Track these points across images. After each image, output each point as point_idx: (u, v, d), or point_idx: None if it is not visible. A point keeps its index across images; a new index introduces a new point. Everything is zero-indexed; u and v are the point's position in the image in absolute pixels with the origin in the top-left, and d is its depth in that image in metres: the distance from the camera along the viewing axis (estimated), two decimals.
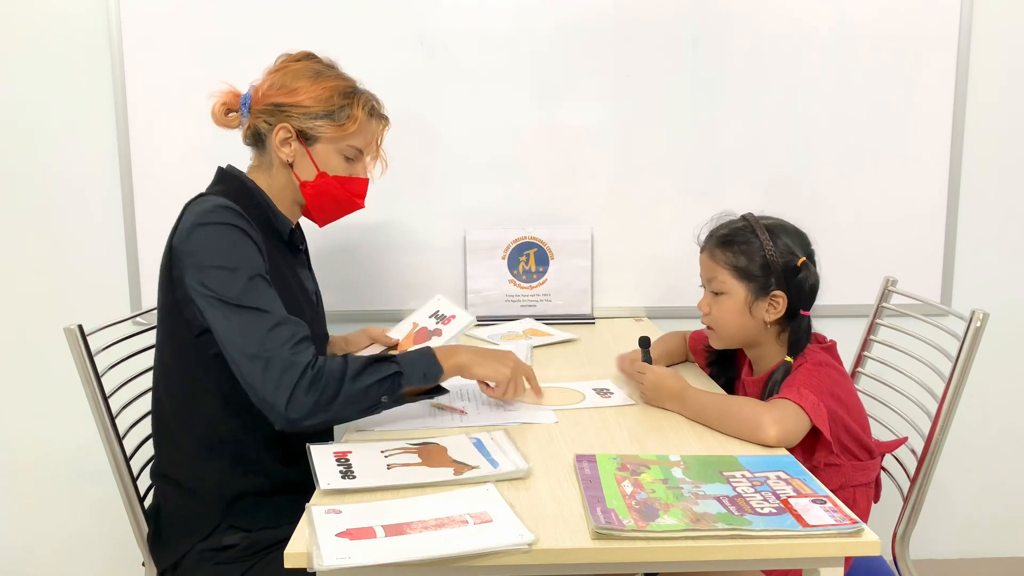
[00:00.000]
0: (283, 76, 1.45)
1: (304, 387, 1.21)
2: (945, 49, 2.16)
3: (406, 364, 1.29)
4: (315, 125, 1.43)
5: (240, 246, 1.31)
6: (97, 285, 2.20)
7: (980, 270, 2.26)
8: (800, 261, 1.44)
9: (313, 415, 1.22)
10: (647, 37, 2.15)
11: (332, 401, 1.22)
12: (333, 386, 1.22)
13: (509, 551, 0.94)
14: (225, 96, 1.48)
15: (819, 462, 1.36)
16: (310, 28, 2.11)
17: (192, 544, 1.37)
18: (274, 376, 1.21)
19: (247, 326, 1.25)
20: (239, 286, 1.26)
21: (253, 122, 1.46)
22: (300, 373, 1.21)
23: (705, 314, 1.51)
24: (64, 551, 2.31)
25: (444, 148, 2.17)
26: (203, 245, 1.30)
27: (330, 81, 1.46)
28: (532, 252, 2.19)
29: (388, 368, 1.28)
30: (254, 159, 1.50)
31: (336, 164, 1.47)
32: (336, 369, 1.24)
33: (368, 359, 1.28)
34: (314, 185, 1.46)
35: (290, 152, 1.44)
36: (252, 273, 1.29)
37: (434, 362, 1.32)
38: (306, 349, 1.25)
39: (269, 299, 1.28)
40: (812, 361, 1.41)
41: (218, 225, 1.31)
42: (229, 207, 1.33)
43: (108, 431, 1.46)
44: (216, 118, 1.48)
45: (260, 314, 1.25)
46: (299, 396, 1.21)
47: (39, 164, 2.16)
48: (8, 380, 2.24)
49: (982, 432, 2.33)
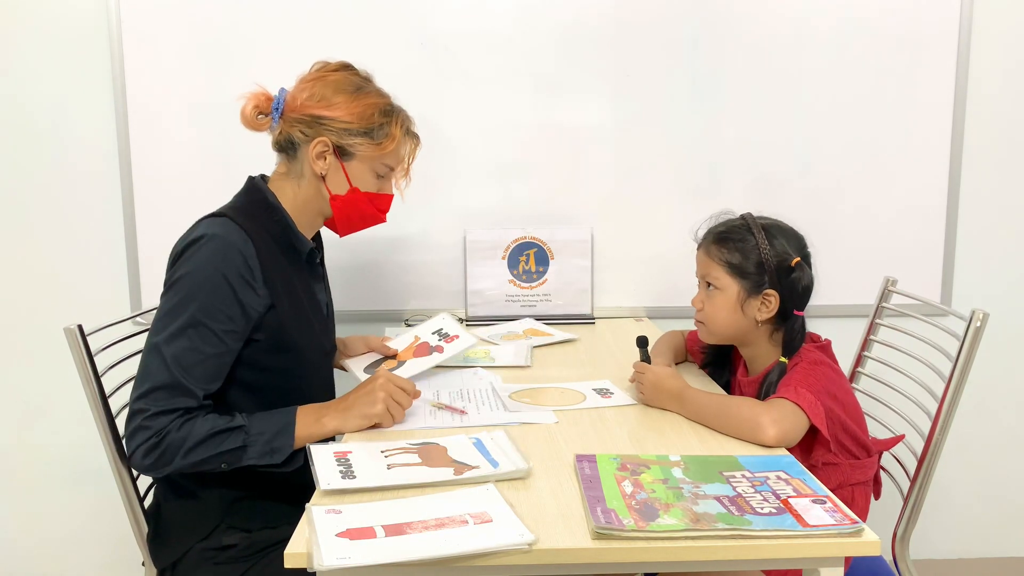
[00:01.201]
0: (322, 87, 1.43)
1: (144, 451, 1.27)
2: (945, 49, 2.16)
3: (254, 435, 1.30)
4: (354, 142, 1.42)
5: (201, 289, 1.30)
6: (97, 285, 2.20)
7: (980, 270, 2.26)
8: (794, 261, 1.44)
9: (149, 472, 1.34)
10: (647, 37, 2.15)
11: (167, 465, 1.28)
12: (169, 455, 1.27)
13: (509, 551, 0.94)
14: (257, 99, 1.44)
15: (817, 461, 1.36)
16: (310, 29, 2.11)
17: (191, 544, 1.38)
18: (129, 429, 1.29)
19: (145, 370, 1.30)
20: (170, 329, 1.29)
21: (287, 130, 1.43)
22: (146, 438, 1.27)
23: (698, 309, 1.51)
24: (64, 551, 2.31)
25: (444, 148, 2.17)
26: (178, 271, 1.33)
27: (371, 98, 1.44)
28: (532, 252, 2.19)
29: (233, 441, 1.29)
30: (281, 166, 1.48)
31: (368, 181, 1.47)
32: (178, 440, 1.27)
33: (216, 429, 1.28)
34: (344, 200, 1.46)
35: (325, 166, 1.43)
36: (193, 321, 1.29)
37: (288, 433, 1.31)
38: (167, 416, 1.27)
39: (187, 352, 1.29)
40: (807, 360, 1.42)
41: (202, 262, 1.31)
42: (230, 244, 1.33)
43: (108, 431, 1.46)
44: (246, 120, 1.45)
45: (161, 369, 1.28)
46: (137, 457, 1.28)
47: (39, 164, 2.16)
48: (8, 380, 2.24)
49: (982, 432, 2.33)
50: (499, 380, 1.61)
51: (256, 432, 1.30)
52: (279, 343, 1.38)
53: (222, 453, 1.28)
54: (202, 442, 1.27)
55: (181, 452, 1.27)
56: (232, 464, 1.30)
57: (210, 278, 1.30)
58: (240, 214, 1.38)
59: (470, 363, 1.73)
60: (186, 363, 1.28)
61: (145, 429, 1.26)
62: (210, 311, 1.30)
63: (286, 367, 1.41)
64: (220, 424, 1.29)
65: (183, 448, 1.27)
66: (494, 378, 1.62)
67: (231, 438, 1.29)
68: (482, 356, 1.79)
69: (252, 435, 1.29)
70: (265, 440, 1.30)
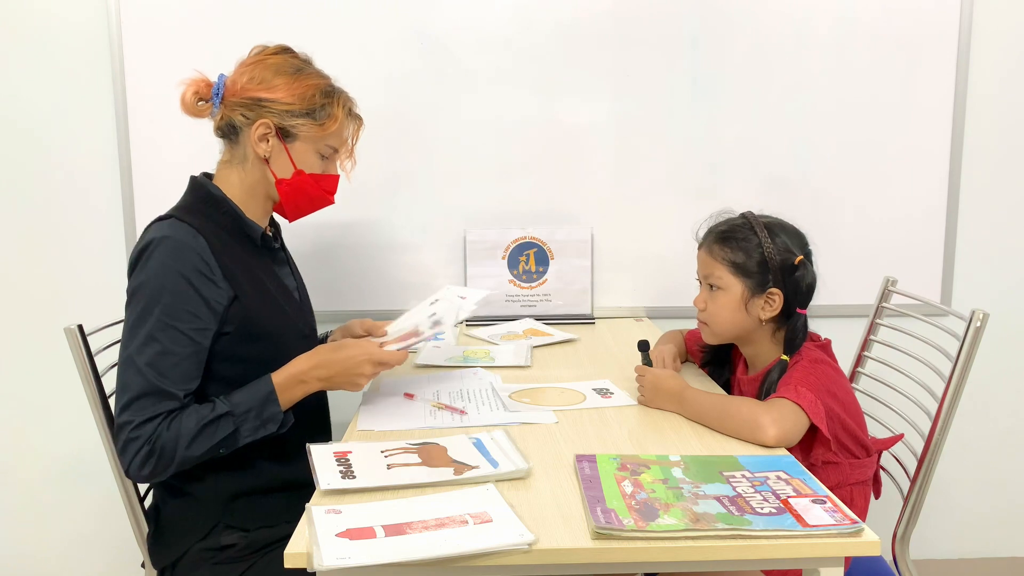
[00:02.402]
0: (262, 70, 1.43)
1: (139, 461, 1.28)
2: (945, 49, 2.16)
3: (240, 415, 1.31)
4: (296, 123, 1.42)
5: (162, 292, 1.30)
6: (97, 285, 2.20)
7: (980, 270, 2.26)
8: (797, 259, 1.44)
9: (149, 480, 1.36)
10: (647, 36, 2.15)
11: (166, 469, 1.29)
12: (166, 458, 1.28)
13: (509, 551, 0.94)
14: (197, 84, 1.45)
15: (816, 460, 1.36)
16: (310, 29, 2.11)
17: (190, 544, 1.38)
18: (120, 442, 1.29)
19: (123, 382, 1.30)
20: (138, 340, 1.29)
21: (228, 114, 1.43)
22: (138, 448, 1.27)
23: (701, 310, 1.51)
24: (64, 551, 2.31)
25: (444, 148, 2.17)
26: (136, 281, 1.33)
27: (311, 79, 1.45)
28: (532, 252, 2.19)
29: (224, 429, 1.30)
30: (225, 153, 1.48)
31: (312, 162, 1.47)
32: (171, 442, 1.27)
33: (204, 422, 1.29)
34: (290, 183, 1.46)
35: (268, 148, 1.43)
36: (161, 325, 1.29)
37: (272, 401, 1.33)
38: (152, 422, 1.27)
39: (160, 357, 1.29)
40: (807, 359, 1.42)
41: (155, 266, 1.31)
42: (180, 243, 1.32)
43: (108, 431, 1.46)
44: (187, 107, 1.45)
45: (137, 378, 1.28)
46: (134, 468, 1.29)
47: (39, 164, 2.16)
48: (8, 380, 2.24)
49: (982, 432, 2.32)
50: (499, 380, 1.61)
51: (242, 412, 1.31)
52: (250, 333, 1.38)
53: (217, 444, 1.30)
54: (195, 437, 1.28)
55: (177, 452, 1.27)
56: (230, 448, 1.31)
57: (168, 280, 1.30)
58: (186, 212, 1.38)
59: (470, 363, 1.73)
60: (161, 368, 1.28)
61: (135, 440, 1.27)
62: (174, 312, 1.30)
63: (264, 356, 1.39)
64: (206, 414, 1.29)
65: (178, 448, 1.27)
66: (494, 378, 1.62)
67: (221, 425, 1.30)
68: (482, 356, 1.79)
69: (239, 416, 1.31)
70: (254, 415, 1.32)
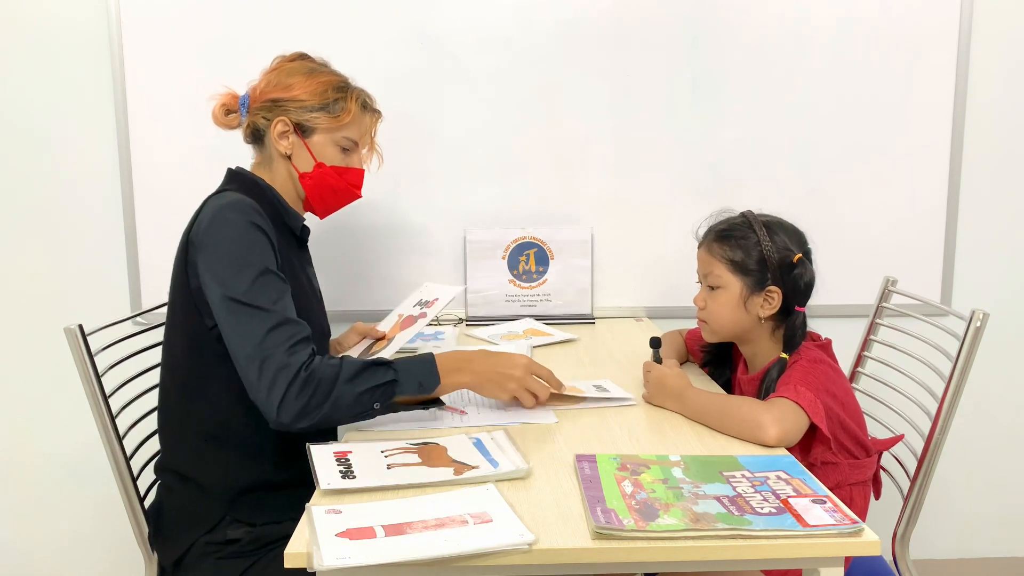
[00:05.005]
0: (279, 75, 1.51)
1: (295, 390, 1.22)
2: (945, 49, 2.16)
3: (403, 372, 1.30)
4: (311, 117, 1.49)
5: (254, 242, 1.33)
6: (97, 285, 2.20)
7: (980, 270, 2.26)
8: (796, 257, 1.44)
9: (302, 419, 1.24)
10: (647, 36, 2.15)
11: (321, 405, 1.24)
12: (324, 390, 1.24)
13: (509, 551, 0.94)
14: (224, 98, 1.53)
15: (816, 459, 1.36)
16: (309, 29, 2.11)
17: (196, 537, 1.38)
18: (268, 378, 1.23)
19: (247, 325, 1.27)
20: (245, 283, 1.28)
21: (252, 120, 1.51)
22: (293, 375, 1.23)
23: (700, 308, 1.52)
24: (64, 551, 2.31)
25: (444, 148, 2.18)
26: (218, 239, 1.32)
27: (324, 76, 1.52)
28: (532, 252, 2.19)
29: (383, 375, 1.28)
30: (255, 156, 1.55)
31: (333, 155, 1.51)
32: (329, 373, 1.25)
33: (364, 363, 1.28)
34: (312, 176, 1.51)
35: (288, 145, 1.49)
36: (261, 269, 1.30)
37: (433, 372, 1.32)
38: (303, 350, 1.26)
39: (275, 297, 1.29)
40: (807, 358, 1.42)
41: (234, 220, 1.33)
42: (247, 203, 1.36)
43: (108, 431, 1.46)
44: (217, 119, 1.53)
45: (262, 313, 1.27)
46: (289, 400, 1.22)
47: (39, 164, 2.16)
48: (8, 380, 2.24)
49: (982, 432, 2.33)
50: None
51: (403, 370, 1.29)
52: None
53: (375, 387, 1.26)
54: (356, 375, 1.25)
55: (336, 385, 1.24)
56: (384, 402, 1.28)
57: (248, 232, 1.32)
58: (239, 191, 1.42)
59: None
60: (283, 304, 1.29)
61: (286, 368, 1.22)
62: (265, 257, 1.32)
63: None
64: (367, 361, 1.28)
65: (338, 380, 1.24)
66: None
67: (380, 371, 1.27)
68: None
69: (400, 371, 1.29)
70: (413, 376, 1.30)
